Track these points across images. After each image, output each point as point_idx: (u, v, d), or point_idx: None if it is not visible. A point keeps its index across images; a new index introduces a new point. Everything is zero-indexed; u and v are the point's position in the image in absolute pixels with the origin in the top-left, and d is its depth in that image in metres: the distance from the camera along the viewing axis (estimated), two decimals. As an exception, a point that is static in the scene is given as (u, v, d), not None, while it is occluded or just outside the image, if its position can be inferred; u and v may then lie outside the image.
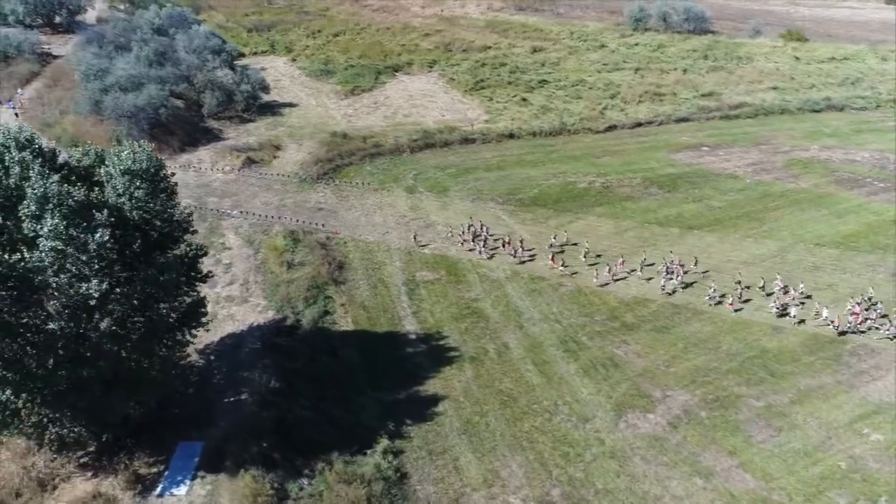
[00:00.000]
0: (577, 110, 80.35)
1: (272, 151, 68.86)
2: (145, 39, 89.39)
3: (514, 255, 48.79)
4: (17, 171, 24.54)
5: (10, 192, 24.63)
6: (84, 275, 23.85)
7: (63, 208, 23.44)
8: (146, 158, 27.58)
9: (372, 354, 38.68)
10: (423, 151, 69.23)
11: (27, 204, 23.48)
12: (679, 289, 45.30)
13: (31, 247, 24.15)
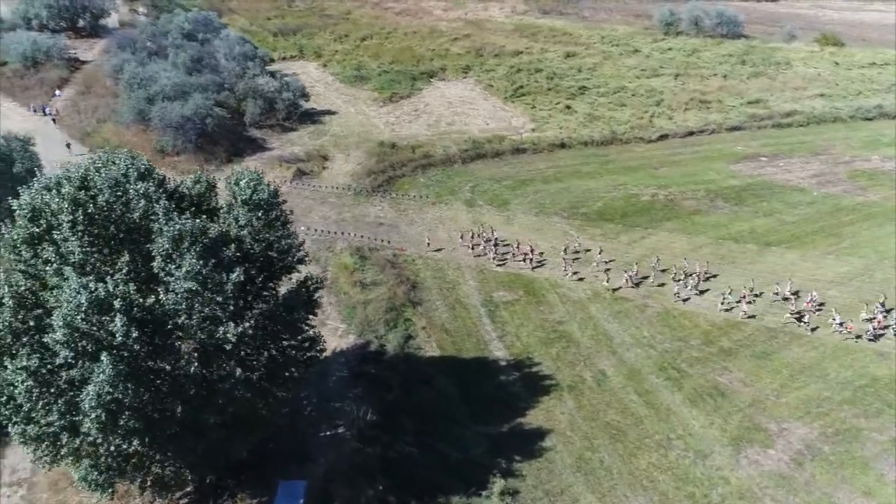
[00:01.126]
0: (624, 118, 78.66)
1: (321, 162, 67.22)
2: (180, 45, 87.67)
3: (524, 260, 48.30)
4: (141, 205, 22.85)
5: (135, 227, 22.94)
6: (218, 317, 22.16)
7: (198, 247, 21.75)
8: (266, 187, 25.88)
9: (465, 383, 37.04)
10: (475, 162, 67.53)
11: (161, 243, 21.76)
12: (693, 295, 44.80)
13: (153, 282, 22.51)
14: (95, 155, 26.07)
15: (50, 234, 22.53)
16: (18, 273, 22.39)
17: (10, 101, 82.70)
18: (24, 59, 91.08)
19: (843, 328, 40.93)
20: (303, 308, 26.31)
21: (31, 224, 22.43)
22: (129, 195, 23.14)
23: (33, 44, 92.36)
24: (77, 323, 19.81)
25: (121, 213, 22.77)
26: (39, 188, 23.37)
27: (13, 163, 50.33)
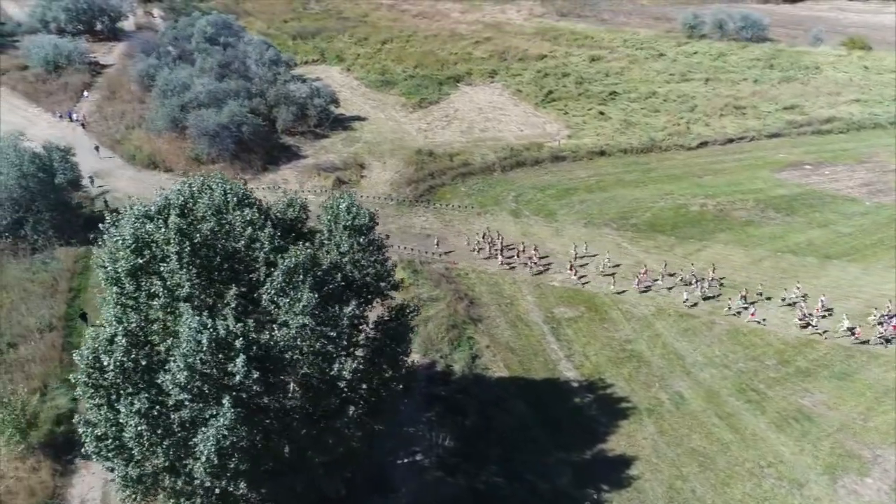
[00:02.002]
0: (660, 124, 77.51)
1: (358, 171, 66.01)
2: (205, 50, 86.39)
3: (528, 265, 48.36)
4: (247, 234, 21.59)
5: (239, 257, 21.69)
6: (330, 352, 20.92)
7: (312, 279, 20.50)
8: (366, 212, 24.64)
9: (539, 406, 35.83)
10: (515, 170, 66.36)
11: (275, 276, 20.49)
12: (700, 300, 44.51)
13: (256, 313, 21.27)
14: (188, 179, 24.75)
15: (154, 267, 21.26)
16: (129, 309, 21.12)
17: (34, 107, 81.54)
18: (46, 63, 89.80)
19: (852, 333, 40.70)
20: (405, 338, 25.07)
21: (135, 256, 21.16)
22: (232, 223, 21.86)
23: (55, 48, 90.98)
24: (197, 364, 18.59)
25: (224, 242, 21.51)
26: (140, 217, 22.07)
27: (55, 174, 49.01)
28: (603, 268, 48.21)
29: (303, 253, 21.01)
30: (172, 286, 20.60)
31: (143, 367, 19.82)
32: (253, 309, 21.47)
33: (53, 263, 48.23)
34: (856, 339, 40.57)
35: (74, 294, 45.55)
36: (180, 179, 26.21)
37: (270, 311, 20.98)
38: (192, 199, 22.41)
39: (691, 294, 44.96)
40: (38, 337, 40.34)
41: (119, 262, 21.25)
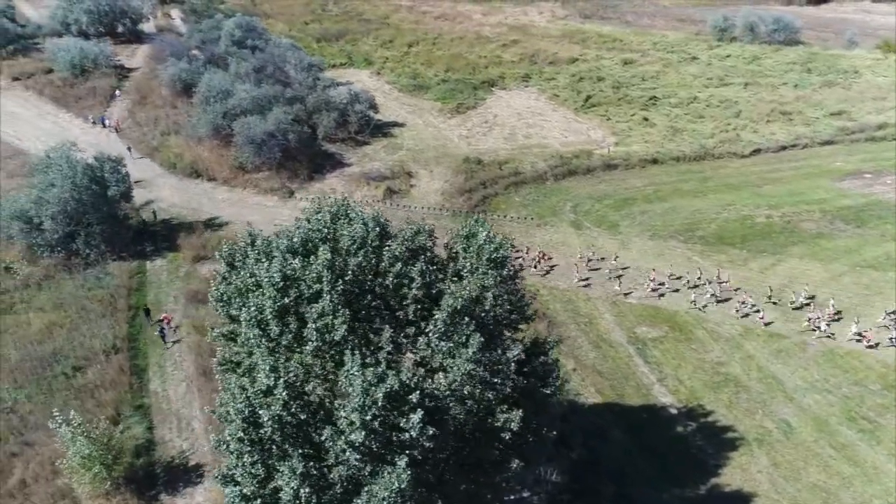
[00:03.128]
0: (707, 131, 75.75)
1: (406, 180, 64.13)
2: (235, 54, 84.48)
3: (535, 266, 48.11)
4: (395, 270, 19.73)
5: (384, 294, 19.83)
6: (489, 399, 19.08)
7: (474, 321, 18.67)
8: (506, 242, 22.81)
9: (640, 435, 34.07)
10: (567, 179, 64.57)
11: (437, 319, 18.61)
12: (712, 304, 43.93)
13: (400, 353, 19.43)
14: (321, 206, 22.81)
15: (301, 307, 19.38)
16: (284, 357, 19.22)
17: (64, 112, 79.69)
18: (73, 67, 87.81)
19: (861, 337, 40.52)
20: (552, 376, 23.23)
21: (282, 295, 19.28)
22: (381, 259, 20.00)
23: (80, 51, 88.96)
24: (373, 422, 16.74)
25: (372, 279, 19.68)
26: (284, 251, 20.12)
27: (108, 185, 47.10)
28: (610, 271, 48.38)
29: (466, 292, 19.18)
30: (323, 328, 18.75)
31: (302, 422, 17.95)
32: (402, 353, 19.62)
33: (108, 279, 46.41)
34: (868, 343, 40.03)
35: (133, 312, 43.68)
36: (307, 205, 24.30)
37: (425, 356, 19.14)
38: (333, 230, 20.51)
39: (699, 297, 44.54)
40: (104, 359, 38.52)
41: (265, 302, 19.28)
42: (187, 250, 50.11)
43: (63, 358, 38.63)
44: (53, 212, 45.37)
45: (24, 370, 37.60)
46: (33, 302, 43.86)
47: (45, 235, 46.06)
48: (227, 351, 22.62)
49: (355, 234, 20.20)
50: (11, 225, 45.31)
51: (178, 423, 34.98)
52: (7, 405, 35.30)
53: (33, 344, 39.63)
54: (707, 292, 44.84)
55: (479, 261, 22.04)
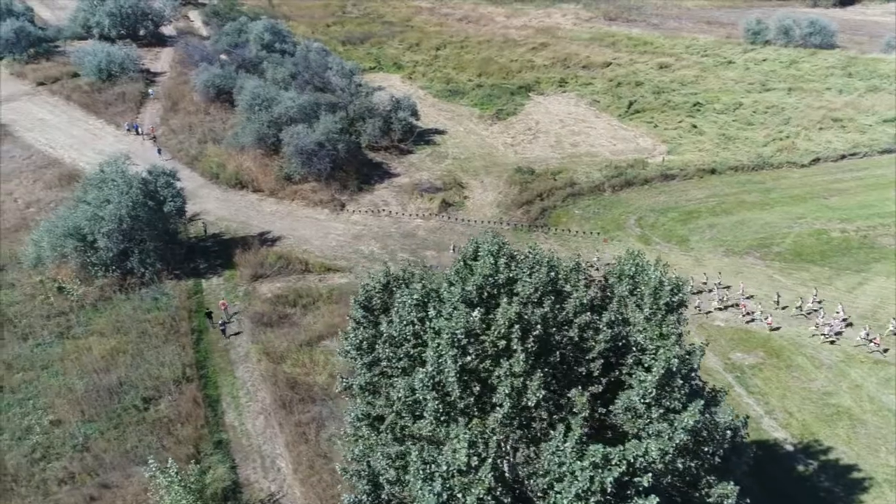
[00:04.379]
0: (759, 139, 73.58)
1: (459, 191, 61.77)
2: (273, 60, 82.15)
3: None
4: (581, 320, 17.38)
5: (568, 346, 17.47)
6: (691, 468, 16.78)
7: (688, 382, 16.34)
8: (680, 283, 20.46)
9: (760, 474, 31.58)
10: (625, 190, 62.26)
11: (646, 382, 16.29)
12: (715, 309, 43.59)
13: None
14: (478, 242, 20.45)
15: (484, 367, 17.02)
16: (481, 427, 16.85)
17: (94, 118, 77.48)
18: (99, 71, 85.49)
19: (870, 343, 39.92)
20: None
21: (463, 353, 16.90)
22: (562, 305, 17.65)
23: (107, 56, 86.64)
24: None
25: (557, 331, 17.35)
26: (457, 301, 17.71)
27: (164, 201, 44.70)
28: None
29: (676, 349, 16.88)
30: (514, 393, 16.43)
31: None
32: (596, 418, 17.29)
33: (165, 299, 44.09)
34: (876, 348, 39.51)
35: (197, 336, 41.32)
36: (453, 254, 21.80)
37: (619, 421, 16.84)
38: (501, 270, 18.14)
39: (704, 303, 43.79)
40: (175, 389, 36.10)
41: (447, 361, 16.89)
42: (244, 268, 47.80)
43: (131, 388, 36.28)
44: (109, 229, 42.94)
45: (92, 401, 35.27)
46: (91, 325, 41.53)
47: (100, 254, 43.70)
48: (364, 403, 20.27)
49: (538, 280, 17.86)
50: (65, 243, 42.81)
51: (261, 462, 32.63)
52: (78, 441, 32.90)
53: (98, 372, 37.28)
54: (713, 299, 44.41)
55: (654, 306, 19.67)
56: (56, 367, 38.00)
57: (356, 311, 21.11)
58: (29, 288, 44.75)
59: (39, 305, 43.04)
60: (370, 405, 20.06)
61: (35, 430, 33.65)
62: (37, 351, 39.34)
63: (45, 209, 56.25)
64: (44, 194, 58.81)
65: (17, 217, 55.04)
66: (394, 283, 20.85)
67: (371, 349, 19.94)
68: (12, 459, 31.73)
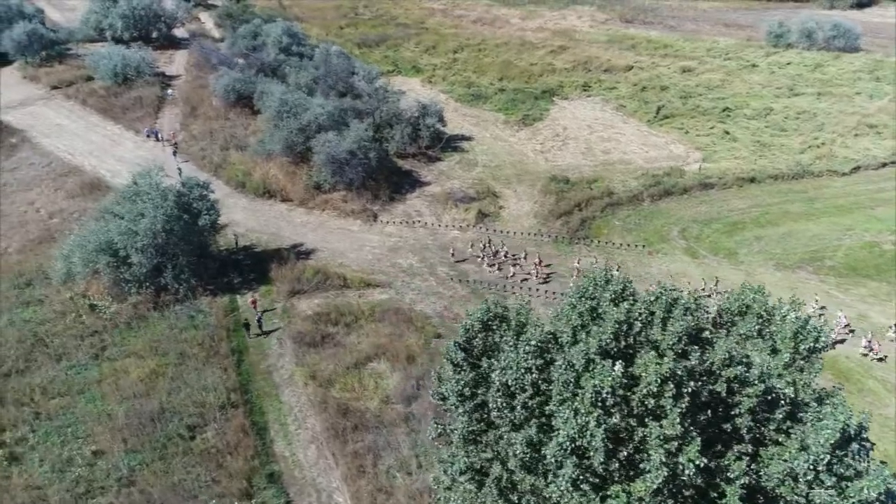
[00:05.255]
0: (795, 146, 71.79)
1: (494, 201, 59.93)
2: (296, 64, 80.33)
3: (534, 275, 47.22)
4: (729, 373, 15.54)
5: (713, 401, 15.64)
6: None
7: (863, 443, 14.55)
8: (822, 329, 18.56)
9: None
10: (664, 199, 60.44)
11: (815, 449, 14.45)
12: None
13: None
14: (595, 280, 18.59)
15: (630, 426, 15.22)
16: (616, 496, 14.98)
17: (112, 124, 75.58)
18: (115, 75, 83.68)
19: (870, 350, 39.74)
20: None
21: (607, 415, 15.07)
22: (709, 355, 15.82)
23: (122, 59, 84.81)
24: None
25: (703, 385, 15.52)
26: (591, 352, 15.87)
27: (198, 214, 42.83)
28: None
29: (847, 411, 15.09)
30: (670, 460, 14.61)
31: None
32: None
33: (200, 317, 42.27)
34: (875, 356, 39.40)
35: (238, 357, 39.46)
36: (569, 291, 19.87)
37: (775, 486, 15.01)
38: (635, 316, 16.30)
39: None
40: (221, 417, 34.25)
41: (590, 423, 15.03)
42: (280, 283, 45.96)
43: (174, 414, 34.42)
44: (143, 244, 41.07)
45: (134, 430, 33.42)
46: (126, 345, 39.67)
47: (133, 270, 41.81)
48: (464, 454, 18.43)
49: (680, 328, 16.03)
50: (97, 258, 40.94)
51: (318, 497, 30.83)
52: (123, 474, 31.05)
53: (137, 397, 35.43)
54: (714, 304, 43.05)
55: (793, 351, 17.82)
56: (93, 392, 36.14)
57: (455, 353, 19.28)
58: (58, 305, 42.86)
59: (71, 324, 41.17)
60: (471, 455, 18.24)
61: (76, 461, 31.79)
62: (71, 373, 37.47)
63: (69, 220, 54.44)
64: (66, 204, 56.93)
65: (41, 228, 53.17)
66: (493, 320, 19.03)
67: (472, 395, 18.12)
68: (55, 495, 29.89)
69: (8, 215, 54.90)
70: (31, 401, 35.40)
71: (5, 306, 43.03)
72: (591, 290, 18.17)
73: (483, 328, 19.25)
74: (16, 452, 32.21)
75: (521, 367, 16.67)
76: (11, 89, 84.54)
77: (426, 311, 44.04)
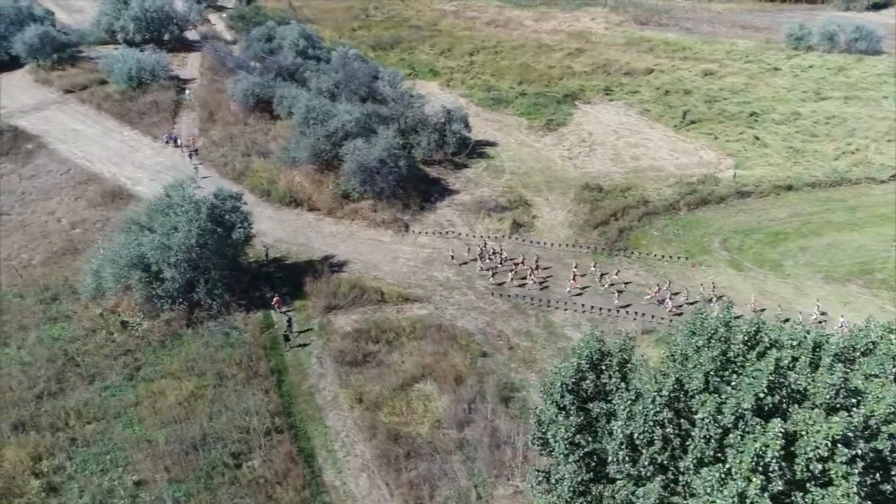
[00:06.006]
0: (828, 152, 70.30)
1: (527, 210, 58.35)
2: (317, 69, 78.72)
3: (532, 279, 46.56)
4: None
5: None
6: None
7: None
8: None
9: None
10: (701, 209, 58.92)
11: None
12: None
13: None
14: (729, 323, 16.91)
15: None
16: None
17: (129, 129, 73.83)
18: (129, 79, 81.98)
19: None
20: None
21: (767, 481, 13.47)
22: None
23: (137, 62, 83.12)
24: None
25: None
26: (745, 411, 14.27)
27: (232, 227, 41.24)
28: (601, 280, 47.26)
29: None
30: None
31: None
32: None
33: (235, 334, 40.67)
34: None
35: (278, 377, 37.83)
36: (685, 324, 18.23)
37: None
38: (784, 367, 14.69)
39: None
40: (266, 443, 32.63)
41: (750, 491, 13.43)
42: (315, 298, 44.33)
43: (217, 441, 32.82)
44: (176, 259, 39.45)
45: (176, 457, 31.79)
46: (161, 365, 38.05)
47: (166, 285, 40.17)
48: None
49: (838, 380, 14.43)
50: (130, 274, 39.31)
51: (374, 530, 29.17)
52: (167, 507, 29.44)
53: (177, 422, 33.79)
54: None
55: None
56: (130, 416, 34.55)
57: (562, 395, 17.67)
58: (87, 321, 41.23)
59: (102, 342, 39.56)
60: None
61: (118, 492, 30.21)
62: (106, 395, 35.86)
63: (92, 230, 52.89)
64: (88, 214, 55.26)
65: (64, 239, 51.50)
66: (603, 359, 17.45)
67: (582, 442, 16.53)
68: (99, 530, 28.25)
69: (29, 225, 53.24)
70: (65, 425, 33.77)
71: (32, 322, 41.37)
72: (720, 331, 16.53)
73: (591, 367, 17.66)
74: (54, 483, 30.57)
75: (651, 419, 15.10)
76: (24, 93, 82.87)
77: (468, 328, 42.46)
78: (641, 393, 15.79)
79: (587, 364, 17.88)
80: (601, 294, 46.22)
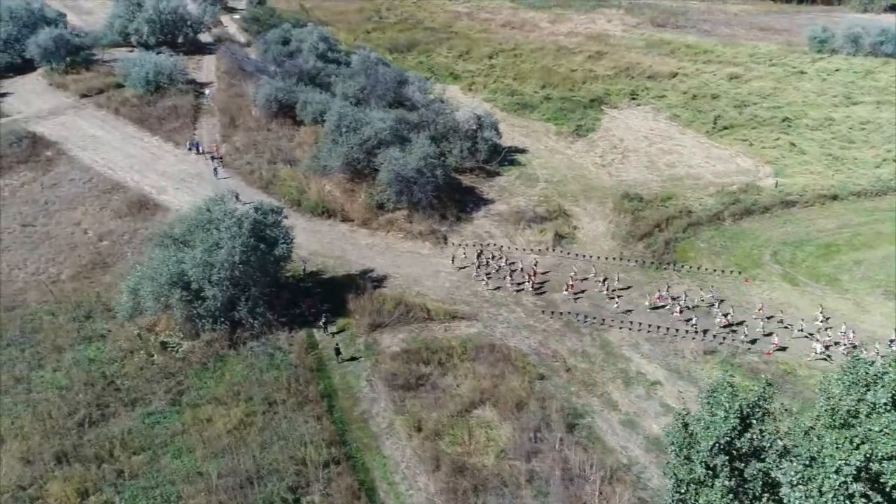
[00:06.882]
0: (869, 159, 68.60)
1: (567, 220, 56.51)
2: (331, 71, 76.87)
3: (531, 285, 46.02)
4: None
5: None
6: None
7: None
8: None
9: None
10: (745, 219, 57.15)
11: None
12: None
13: None
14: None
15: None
16: None
17: (149, 135, 71.95)
18: (147, 83, 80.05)
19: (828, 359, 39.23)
20: None
21: None
22: None
23: (154, 66, 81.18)
24: None
25: None
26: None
27: (275, 243, 39.37)
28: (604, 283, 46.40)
29: None
30: None
31: None
32: None
33: (280, 355, 38.76)
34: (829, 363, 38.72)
35: (328, 402, 35.98)
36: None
37: None
38: None
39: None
40: (325, 475, 30.80)
41: None
42: (359, 315, 42.44)
43: (272, 473, 30.97)
44: (219, 277, 37.59)
45: (230, 492, 29.95)
46: (205, 389, 36.22)
47: (207, 304, 38.30)
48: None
49: None
50: (170, 293, 37.44)
51: (448, 573, 27.31)
52: (226, 549, 27.55)
53: (228, 452, 31.93)
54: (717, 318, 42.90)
55: None
56: (178, 445, 32.71)
57: (713, 454, 15.84)
58: (124, 342, 39.39)
59: (142, 364, 37.70)
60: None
61: (172, 531, 28.29)
62: (150, 422, 34.02)
63: (120, 242, 51.08)
64: (115, 225, 53.38)
65: (92, 252, 49.62)
66: (755, 412, 15.65)
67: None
68: (156, 575, 26.40)
69: (55, 237, 51.34)
70: (110, 456, 31.94)
71: (66, 342, 39.51)
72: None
73: (742, 423, 15.85)
74: (103, 521, 28.71)
75: (842, 494, 13.29)
76: (39, 98, 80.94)
77: (521, 348, 40.65)
78: (815, 457, 14.01)
79: (737, 419, 16.08)
80: (664, 313, 44.45)
